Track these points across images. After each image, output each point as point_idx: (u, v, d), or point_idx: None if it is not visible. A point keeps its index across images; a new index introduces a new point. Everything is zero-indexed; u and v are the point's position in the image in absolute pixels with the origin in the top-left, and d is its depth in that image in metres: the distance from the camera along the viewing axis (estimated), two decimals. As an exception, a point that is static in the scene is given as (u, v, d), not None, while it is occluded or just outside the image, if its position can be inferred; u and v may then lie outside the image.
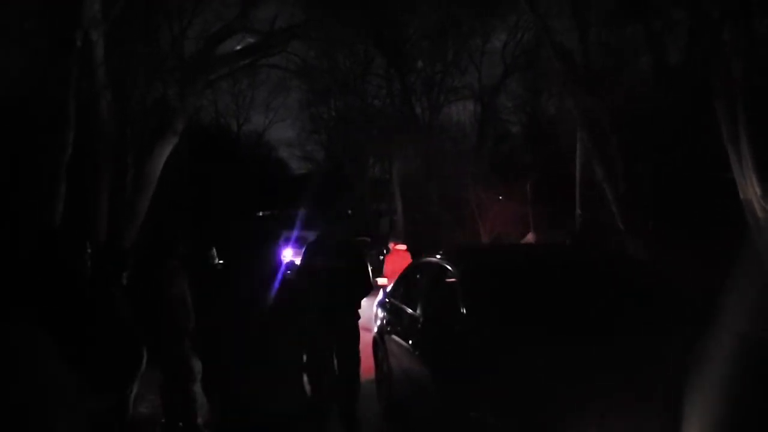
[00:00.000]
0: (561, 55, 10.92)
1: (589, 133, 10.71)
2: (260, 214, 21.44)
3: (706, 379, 2.17)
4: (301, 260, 4.24)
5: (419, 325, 3.72)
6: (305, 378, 2.64)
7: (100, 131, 8.67)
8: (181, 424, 3.88)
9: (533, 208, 14.34)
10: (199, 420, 3.92)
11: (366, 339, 4.67)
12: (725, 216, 7.71)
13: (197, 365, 3.48)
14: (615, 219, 10.08)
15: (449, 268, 3.70)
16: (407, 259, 7.61)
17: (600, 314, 2.95)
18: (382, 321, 4.95)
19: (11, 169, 8.58)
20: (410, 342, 3.90)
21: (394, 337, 4.31)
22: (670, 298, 3.27)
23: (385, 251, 15.36)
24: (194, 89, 10.98)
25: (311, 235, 5.04)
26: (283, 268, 2.77)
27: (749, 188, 6.97)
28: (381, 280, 10.50)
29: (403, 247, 8.80)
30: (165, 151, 10.24)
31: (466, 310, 3.17)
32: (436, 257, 4.18)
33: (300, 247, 4.91)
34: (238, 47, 12.41)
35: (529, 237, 7.11)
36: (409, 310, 4.21)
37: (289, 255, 12.32)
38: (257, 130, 30.33)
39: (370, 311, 5.22)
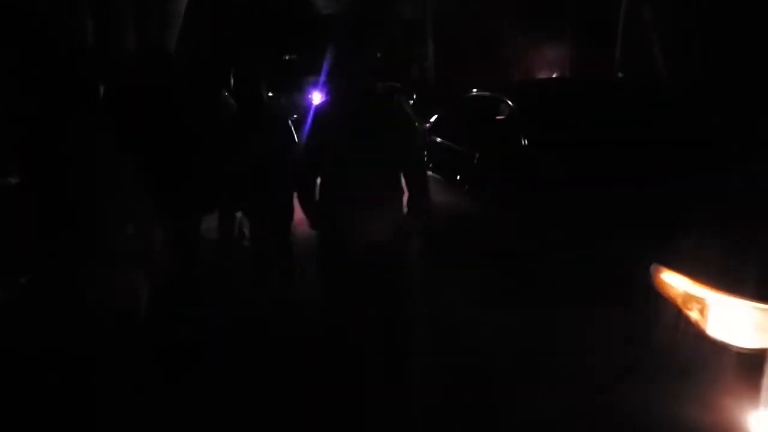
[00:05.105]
0: None
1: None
2: (286, 57, 20.65)
3: None
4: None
5: (475, 161, 3.64)
6: None
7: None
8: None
9: (576, 50, 13.46)
10: None
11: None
12: None
13: None
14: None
15: (507, 101, 3.54)
16: None
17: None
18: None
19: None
20: (459, 177, 3.89)
21: (435, 174, 4.21)
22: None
23: (414, 97, 14.94)
24: None
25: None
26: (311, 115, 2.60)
27: None
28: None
29: None
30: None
31: (527, 142, 3.09)
32: (487, 92, 3.99)
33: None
34: None
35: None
36: (458, 147, 4.13)
37: (317, 100, 12.06)
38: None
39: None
